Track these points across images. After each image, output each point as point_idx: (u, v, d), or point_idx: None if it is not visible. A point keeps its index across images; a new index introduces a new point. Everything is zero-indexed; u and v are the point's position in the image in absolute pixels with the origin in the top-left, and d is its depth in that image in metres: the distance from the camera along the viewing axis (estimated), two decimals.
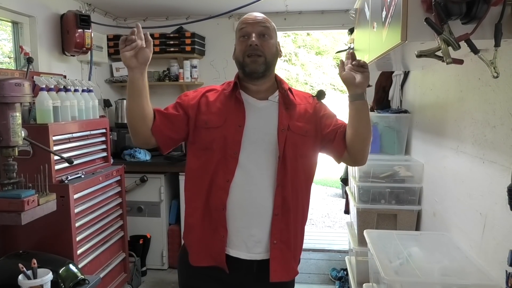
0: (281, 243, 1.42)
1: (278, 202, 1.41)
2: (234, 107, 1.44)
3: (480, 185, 1.59)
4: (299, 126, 1.45)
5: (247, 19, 1.45)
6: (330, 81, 12.92)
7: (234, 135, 1.40)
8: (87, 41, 3.05)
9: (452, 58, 1.04)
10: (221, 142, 1.40)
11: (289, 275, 1.46)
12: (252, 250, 1.42)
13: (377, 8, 1.61)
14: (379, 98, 3.22)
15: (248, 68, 1.42)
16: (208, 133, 1.43)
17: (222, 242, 1.41)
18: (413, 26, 1.12)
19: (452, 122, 1.91)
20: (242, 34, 1.44)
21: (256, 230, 1.41)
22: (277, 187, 1.40)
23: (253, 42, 1.39)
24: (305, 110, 1.50)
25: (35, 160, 2.05)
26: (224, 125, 1.42)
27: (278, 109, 1.46)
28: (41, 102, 2.16)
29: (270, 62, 1.44)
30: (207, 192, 1.42)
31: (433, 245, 1.79)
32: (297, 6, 3.62)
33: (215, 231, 1.42)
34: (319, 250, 4.08)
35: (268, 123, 1.44)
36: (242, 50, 1.42)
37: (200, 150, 1.45)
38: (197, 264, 1.45)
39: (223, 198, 1.39)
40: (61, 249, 2.16)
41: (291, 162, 1.41)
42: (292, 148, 1.42)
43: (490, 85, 1.52)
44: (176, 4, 3.49)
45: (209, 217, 1.43)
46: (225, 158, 1.40)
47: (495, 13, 1.04)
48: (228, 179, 1.39)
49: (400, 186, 2.39)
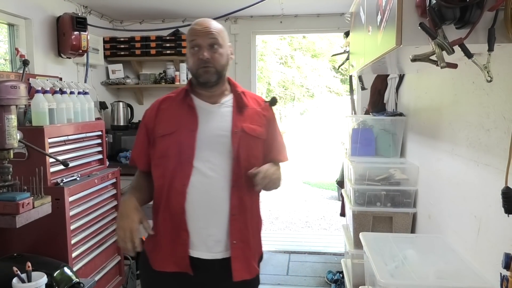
0: (241, 243, 1.48)
1: (234, 202, 1.46)
2: (187, 113, 1.50)
3: (474, 188, 1.60)
4: (252, 128, 1.52)
5: (197, 31, 1.48)
6: (325, 84, 12.96)
7: (188, 140, 1.46)
8: (83, 44, 3.05)
9: (446, 62, 1.05)
10: (176, 148, 1.46)
11: (251, 273, 1.52)
12: (213, 250, 1.47)
13: (372, 12, 1.62)
14: (375, 101, 3.23)
15: (201, 79, 1.49)
16: (163, 141, 1.49)
17: (184, 246, 1.46)
18: (408, 31, 1.13)
19: (447, 125, 1.92)
20: (193, 45, 1.48)
21: (214, 230, 1.46)
22: (232, 188, 1.46)
23: (204, 56, 1.45)
24: (257, 113, 1.57)
25: (30, 163, 2.04)
26: (177, 131, 1.47)
27: (232, 112, 1.53)
28: (37, 105, 2.16)
29: (221, 71, 1.50)
30: (167, 198, 1.47)
31: (428, 248, 1.80)
32: (293, 9, 3.63)
33: (177, 235, 1.47)
34: (315, 253, 4.08)
35: (222, 125, 1.50)
36: (195, 63, 1.48)
37: (158, 159, 1.50)
38: (161, 269, 1.50)
39: (181, 202, 1.45)
40: (55, 252, 2.15)
41: (245, 163, 1.47)
42: (245, 149, 1.48)
43: (484, 89, 1.53)
44: (173, 7, 3.49)
45: (170, 222, 1.48)
46: (181, 163, 1.45)
47: (488, 18, 1.05)
48: (185, 183, 1.44)
49: (396, 189, 2.40)
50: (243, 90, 1.60)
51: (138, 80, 4.03)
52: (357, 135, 2.77)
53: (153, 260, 1.52)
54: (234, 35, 3.93)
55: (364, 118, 2.95)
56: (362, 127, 2.81)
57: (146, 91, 4.11)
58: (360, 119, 2.91)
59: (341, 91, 12.75)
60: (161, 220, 1.50)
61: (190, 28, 1.50)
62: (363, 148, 2.74)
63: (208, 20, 1.51)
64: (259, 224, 1.61)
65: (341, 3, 3.32)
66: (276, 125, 1.65)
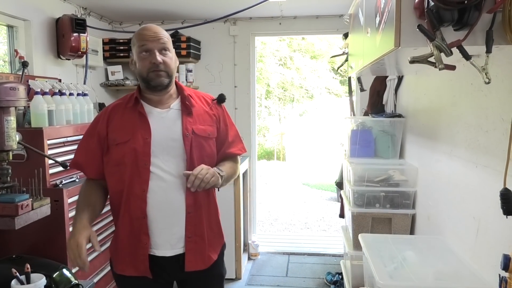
0: (195, 237, 1.56)
1: (190, 201, 1.54)
2: (139, 121, 1.55)
3: (473, 189, 1.60)
4: (203, 129, 1.59)
5: (147, 36, 1.51)
6: (325, 85, 12.96)
7: (143, 147, 1.51)
8: (83, 45, 3.06)
9: (444, 64, 1.06)
10: (132, 156, 1.50)
11: (204, 264, 1.60)
12: (176, 246, 1.55)
13: (370, 14, 1.62)
14: (374, 102, 3.24)
15: (153, 82, 1.52)
16: (118, 149, 1.52)
17: (145, 249, 1.53)
18: (406, 32, 1.13)
19: (446, 127, 1.93)
20: (143, 50, 1.51)
21: (176, 228, 1.54)
22: (187, 188, 1.50)
23: (157, 61, 1.49)
24: (205, 112, 1.63)
25: (29, 164, 2.04)
26: (132, 139, 1.52)
27: (181, 115, 1.58)
28: (36, 106, 2.16)
29: (172, 74, 1.56)
30: (126, 203, 1.53)
31: (427, 249, 1.80)
32: (292, 11, 3.64)
33: (137, 240, 1.53)
34: (314, 254, 4.08)
35: (173, 130, 1.55)
36: (145, 67, 1.51)
37: (114, 166, 1.54)
38: (122, 272, 1.59)
39: (142, 207, 1.51)
40: (54, 254, 2.15)
41: (199, 163, 1.51)
42: (198, 150, 1.55)
43: (482, 90, 1.54)
44: (172, 8, 3.50)
45: (130, 226, 1.54)
46: (138, 169, 1.50)
47: (487, 19, 1.05)
48: (144, 188, 1.50)
49: (395, 190, 2.41)
50: (190, 92, 1.65)
51: (137, 82, 4.02)
52: (356, 136, 2.77)
53: (115, 263, 1.61)
54: (233, 36, 3.93)
55: (363, 119, 2.96)
56: (361, 129, 2.81)
57: None
58: (359, 120, 2.92)
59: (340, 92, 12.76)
60: (120, 225, 1.57)
61: (139, 34, 1.53)
62: (362, 149, 2.75)
63: (156, 26, 1.56)
64: (216, 216, 1.68)
65: (340, 4, 3.33)
66: (228, 121, 1.70)
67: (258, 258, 3.99)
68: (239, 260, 3.47)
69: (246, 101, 4.00)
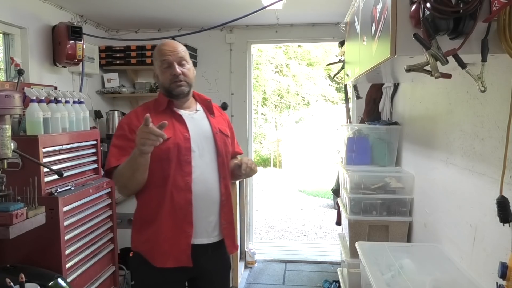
0: (227, 223, 1.78)
1: (223, 190, 1.76)
2: (176, 120, 1.73)
3: (469, 197, 1.60)
4: (224, 129, 1.85)
5: (166, 51, 1.71)
6: (321, 92, 13.01)
7: (184, 143, 1.68)
8: (79, 53, 3.05)
9: (440, 72, 1.06)
10: (175, 151, 1.66)
11: (236, 248, 1.86)
12: (211, 235, 1.74)
13: (366, 22, 1.64)
14: (370, 110, 3.25)
15: (175, 92, 1.72)
16: (162, 145, 1.57)
17: (188, 238, 1.67)
18: (402, 41, 1.14)
19: (442, 134, 1.93)
20: (165, 65, 1.70)
21: (212, 217, 1.74)
22: (221, 179, 1.75)
23: (178, 73, 1.69)
24: (221, 117, 1.90)
25: (24, 173, 2.03)
26: (174, 136, 1.67)
27: (207, 117, 1.82)
28: (31, 114, 2.15)
29: (191, 83, 1.76)
30: (170, 196, 1.66)
31: (424, 257, 1.80)
32: (288, 19, 3.66)
33: (181, 230, 1.66)
34: (311, 262, 4.07)
35: (204, 128, 1.77)
36: (167, 78, 1.71)
37: (155, 162, 1.62)
38: (162, 265, 1.66)
39: (187, 197, 1.66)
40: (49, 263, 2.13)
41: (225, 158, 1.78)
42: (223, 146, 1.79)
43: (478, 98, 1.55)
44: (168, 16, 3.51)
45: (173, 217, 1.66)
46: (180, 163, 1.67)
47: (482, 28, 1.06)
48: (188, 180, 1.67)
49: (391, 198, 2.41)
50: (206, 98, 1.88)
51: (133, 89, 4.03)
52: (352, 143, 2.77)
53: (155, 257, 1.68)
54: (230, 44, 3.95)
55: (360, 126, 2.96)
56: (358, 136, 2.82)
57: (141, 100, 4.10)
58: (355, 127, 2.92)
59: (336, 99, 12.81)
60: (162, 218, 1.66)
61: (159, 49, 1.73)
62: (358, 156, 2.75)
63: (173, 41, 1.79)
64: None
65: (336, 13, 3.36)
66: (231, 125, 1.98)
67: (255, 266, 3.97)
68: (235, 268, 3.44)
69: (242, 108, 4.01)
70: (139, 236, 1.74)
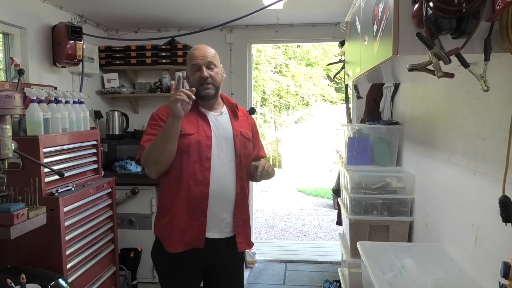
0: (241, 222, 1.88)
1: (238, 190, 1.85)
2: (201, 119, 1.85)
3: (471, 196, 1.60)
4: (246, 132, 1.94)
5: (197, 55, 1.84)
6: (320, 92, 13.01)
7: (206, 140, 1.80)
8: (79, 53, 3.05)
9: (443, 71, 1.06)
10: (196, 146, 1.78)
11: (249, 245, 1.96)
12: (223, 231, 1.84)
13: (368, 22, 1.63)
14: (370, 110, 3.25)
15: (202, 93, 1.84)
16: (183, 139, 1.76)
17: (201, 227, 1.77)
18: (404, 40, 1.14)
19: (443, 134, 1.93)
20: (195, 68, 1.84)
21: (226, 215, 1.83)
22: (237, 179, 1.85)
23: (205, 76, 1.81)
24: (244, 119, 2.00)
25: (25, 173, 2.02)
26: (196, 133, 1.80)
27: (230, 119, 1.92)
28: (32, 114, 2.14)
29: (218, 86, 1.88)
30: (187, 188, 1.77)
31: (426, 257, 1.79)
32: (288, 18, 3.66)
33: (195, 219, 1.77)
34: (312, 262, 4.07)
35: (226, 130, 1.88)
36: (196, 80, 1.83)
37: (179, 153, 1.76)
38: (174, 250, 1.78)
39: (204, 191, 1.77)
40: (50, 264, 2.13)
41: (243, 160, 1.88)
42: (243, 148, 1.89)
43: (479, 98, 1.54)
44: (168, 16, 3.50)
45: (188, 207, 1.77)
46: (200, 159, 1.78)
47: (484, 28, 1.06)
48: (206, 175, 1.78)
49: (392, 197, 2.40)
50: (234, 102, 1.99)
51: (133, 89, 4.02)
52: (353, 143, 2.77)
53: (168, 243, 1.79)
54: (230, 44, 3.94)
55: (360, 126, 2.96)
56: (358, 136, 2.81)
57: (141, 100, 4.11)
58: (356, 127, 2.92)
59: (335, 99, 12.81)
60: (177, 207, 1.78)
61: (191, 53, 1.86)
62: (359, 156, 2.74)
63: (205, 46, 1.89)
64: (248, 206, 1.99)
65: (336, 12, 3.35)
66: (257, 129, 2.09)
67: (255, 266, 3.97)
68: None
69: None
70: (157, 222, 1.88)
